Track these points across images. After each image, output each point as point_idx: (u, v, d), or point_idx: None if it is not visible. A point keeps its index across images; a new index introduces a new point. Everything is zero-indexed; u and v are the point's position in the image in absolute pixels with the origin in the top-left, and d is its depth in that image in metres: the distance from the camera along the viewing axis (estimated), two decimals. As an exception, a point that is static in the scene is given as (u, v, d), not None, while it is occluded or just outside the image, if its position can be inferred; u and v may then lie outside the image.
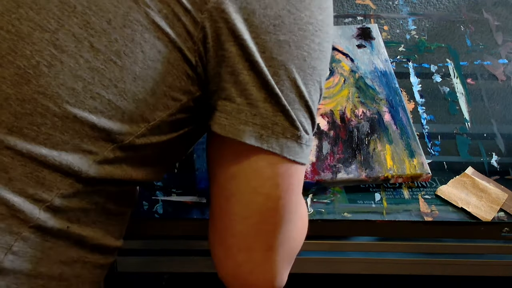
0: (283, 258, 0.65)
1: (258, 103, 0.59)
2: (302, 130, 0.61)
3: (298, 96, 0.61)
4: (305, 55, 0.60)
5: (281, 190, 0.62)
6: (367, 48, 1.06)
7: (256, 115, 0.59)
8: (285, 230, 0.64)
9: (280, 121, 0.60)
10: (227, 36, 0.58)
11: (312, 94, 0.62)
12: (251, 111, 0.59)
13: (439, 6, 1.21)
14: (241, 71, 0.59)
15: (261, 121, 0.60)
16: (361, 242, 0.90)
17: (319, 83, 0.63)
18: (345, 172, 0.87)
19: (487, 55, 1.10)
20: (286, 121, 0.60)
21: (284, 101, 0.60)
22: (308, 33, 0.60)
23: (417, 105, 1.00)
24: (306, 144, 0.62)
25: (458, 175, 0.89)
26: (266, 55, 0.59)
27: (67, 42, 0.57)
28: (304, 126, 0.62)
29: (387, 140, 0.91)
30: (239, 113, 0.60)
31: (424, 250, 0.91)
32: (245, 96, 0.59)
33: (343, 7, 1.21)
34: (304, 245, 0.89)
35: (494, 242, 0.89)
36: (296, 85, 0.60)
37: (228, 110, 0.60)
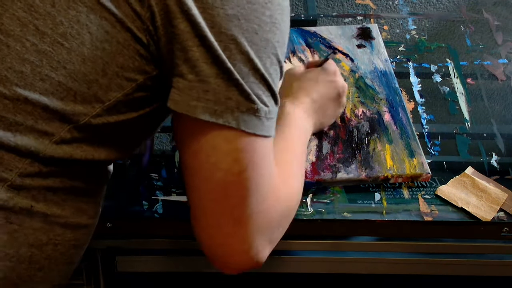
0: (256, 231, 0.64)
1: (209, 79, 0.59)
2: (259, 103, 0.61)
3: (252, 69, 0.61)
4: (256, 28, 0.60)
5: (241, 164, 0.62)
6: (367, 48, 1.06)
7: (209, 91, 0.60)
8: (253, 203, 0.64)
9: (233, 95, 0.60)
10: (175, 13, 0.58)
11: (269, 67, 0.62)
12: (203, 87, 0.60)
13: (439, 6, 1.21)
14: (191, 48, 0.59)
15: (213, 96, 0.60)
16: (361, 242, 0.90)
17: (275, 56, 0.63)
18: (345, 172, 0.87)
19: (487, 55, 1.10)
20: (240, 96, 0.60)
21: (236, 75, 0.60)
22: (258, 5, 0.60)
23: (417, 105, 1.00)
24: (266, 117, 0.62)
25: (458, 175, 0.89)
26: (215, 30, 0.59)
27: (12, 26, 0.59)
28: (261, 99, 0.62)
29: (387, 140, 0.91)
30: (191, 89, 0.60)
31: (424, 250, 0.91)
32: (196, 72, 0.59)
33: (343, 7, 1.21)
34: (304, 245, 0.90)
35: (494, 242, 0.89)
36: (249, 59, 0.60)
37: (181, 86, 0.60)
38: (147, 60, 0.61)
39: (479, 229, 0.84)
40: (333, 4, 1.22)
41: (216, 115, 0.60)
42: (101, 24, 0.59)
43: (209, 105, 0.60)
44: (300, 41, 1.07)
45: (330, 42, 1.07)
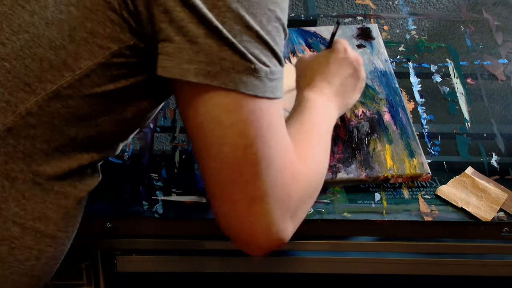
0: (274, 208, 0.61)
1: (198, 39, 0.56)
2: (257, 62, 0.57)
3: (245, 27, 0.57)
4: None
5: (248, 137, 0.58)
6: (367, 48, 1.06)
7: (199, 52, 0.56)
8: (267, 178, 0.60)
9: (227, 55, 0.56)
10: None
11: (265, 24, 0.58)
12: (193, 48, 0.56)
13: (439, 6, 1.21)
14: (174, 8, 0.56)
15: (205, 57, 0.56)
16: (361, 242, 0.90)
17: (273, 12, 0.59)
18: (345, 172, 0.87)
19: (487, 55, 1.10)
20: (235, 55, 0.56)
21: (227, 34, 0.56)
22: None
23: (417, 105, 1.00)
24: (267, 77, 0.58)
25: (458, 175, 0.89)
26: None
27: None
28: (259, 58, 0.58)
29: (387, 140, 0.91)
30: (180, 51, 0.56)
31: (424, 250, 0.91)
32: (183, 33, 0.56)
33: (343, 7, 1.21)
34: (304, 245, 0.90)
35: (494, 242, 0.89)
36: (239, 15, 0.56)
37: (169, 51, 0.57)
38: (122, 28, 0.58)
39: (479, 229, 0.84)
40: (333, 4, 1.22)
41: (210, 76, 0.56)
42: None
43: (201, 67, 0.56)
44: (300, 41, 1.07)
45: (330, 42, 1.06)
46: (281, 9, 0.60)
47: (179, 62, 0.57)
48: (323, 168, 0.71)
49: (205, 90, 0.57)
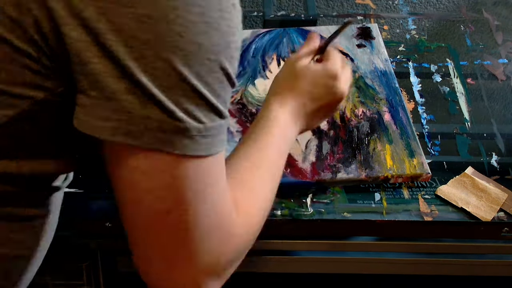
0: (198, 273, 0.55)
1: (118, 96, 0.49)
2: (189, 121, 0.50)
3: (179, 80, 0.49)
4: (179, 30, 0.48)
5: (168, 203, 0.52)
6: (367, 48, 1.06)
7: (118, 110, 0.49)
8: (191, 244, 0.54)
9: (153, 114, 0.49)
10: (63, 18, 0.48)
11: (204, 76, 0.51)
12: (111, 105, 0.49)
13: (439, 6, 1.21)
14: (90, 59, 0.48)
15: (126, 116, 0.49)
16: (361, 242, 0.90)
17: (214, 62, 0.51)
18: (345, 172, 0.87)
19: (487, 55, 1.10)
20: (162, 113, 0.49)
21: (153, 89, 0.49)
22: (180, 2, 0.48)
23: (417, 105, 1.00)
24: (201, 135, 0.52)
25: (458, 175, 0.89)
26: (123, 34, 0.48)
27: None
28: (193, 115, 0.51)
29: (387, 140, 0.91)
30: (95, 107, 0.50)
31: (424, 250, 0.91)
32: (99, 88, 0.49)
33: (343, 7, 1.21)
34: (304, 245, 0.90)
35: (494, 242, 0.89)
36: (172, 67, 0.49)
37: (85, 104, 0.50)
38: (43, 75, 0.51)
39: (479, 229, 0.84)
40: (333, 4, 1.22)
41: (131, 136, 0.50)
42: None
43: (120, 125, 0.49)
44: (300, 41, 1.07)
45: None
46: (227, 57, 0.52)
47: (93, 119, 0.50)
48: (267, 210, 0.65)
49: (126, 149, 0.51)
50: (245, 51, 1.04)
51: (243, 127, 0.92)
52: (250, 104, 0.96)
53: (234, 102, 0.96)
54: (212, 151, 0.53)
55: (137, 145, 0.50)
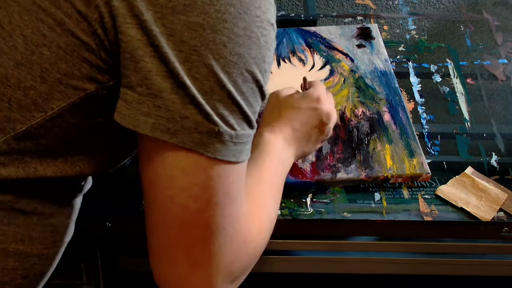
0: (217, 274, 0.58)
1: (162, 94, 0.53)
2: (222, 125, 0.54)
3: (218, 85, 0.54)
4: (224, 40, 0.53)
5: (200, 201, 0.55)
6: (367, 48, 1.06)
7: (161, 107, 0.53)
8: (215, 245, 0.57)
9: (191, 114, 0.53)
10: (124, 17, 0.52)
11: (240, 85, 0.55)
12: (154, 102, 0.53)
13: (439, 6, 1.21)
14: (142, 58, 0.52)
15: (166, 113, 0.53)
16: (361, 242, 0.90)
17: (251, 73, 0.56)
18: (345, 172, 0.87)
19: (487, 55, 1.10)
20: (199, 114, 0.53)
21: (194, 91, 0.53)
22: (228, 15, 0.53)
23: (417, 105, 1.00)
24: (232, 141, 0.55)
25: (458, 175, 0.89)
26: (174, 38, 0.52)
27: None
28: (227, 120, 0.55)
29: (386, 140, 0.91)
30: (140, 103, 0.53)
31: (424, 250, 0.91)
32: (146, 85, 0.53)
33: (343, 7, 1.21)
34: (304, 245, 0.90)
35: (494, 242, 0.89)
36: (213, 73, 0.53)
37: (129, 99, 0.54)
38: (99, 69, 0.55)
39: (479, 229, 0.84)
40: (333, 4, 1.22)
41: (169, 133, 0.53)
42: (37, 26, 0.53)
43: (160, 122, 0.53)
44: (300, 41, 1.07)
45: (330, 42, 1.07)
46: (261, 71, 0.57)
47: (136, 113, 0.54)
48: (272, 224, 0.69)
49: (163, 146, 0.54)
50: (245, 51, 1.04)
51: (243, 127, 0.92)
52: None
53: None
54: (240, 158, 0.57)
55: (173, 142, 0.53)
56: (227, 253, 0.58)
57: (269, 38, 0.57)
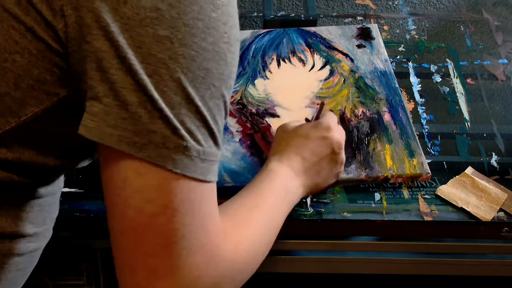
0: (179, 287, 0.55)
1: (129, 106, 0.52)
2: (190, 140, 0.53)
3: (186, 100, 0.53)
4: (193, 55, 0.53)
5: (155, 205, 0.53)
6: (367, 48, 1.06)
7: (127, 120, 0.52)
8: (175, 256, 0.54)
9: (158, 128, 0.52)
10: (90, 28, 0.51)
11: (207, 100, 0.54)
12: (121, 114, 0.52)
13: (439, 6, 1.21)
14: (109, 69, 0.52)
15: (133, 126, 0.52)
16: (361, 242, 0.90)
17: (218, 89, 0.55)
18: (345, 172, 0.87)
19: (487, 55, 1.10)
20: (167, 129, 0.52)
21: (162, 105, 0.52)
22: (197, 30, 0.53)
23: (417, 105, 1.00)
24: (199, 157, 0.54)
25: (458, 175, 0.89)
26: (142, 50, 0.52)
27: None
28: (194, 136, 0.54)
29: (386, 140, 0.91)
30: (106, 114, 0.52)
31: (424, 250, 0.91)
32: (113, 96, 0.52)
33: (343, 7, 1.21)
34: (304, 245, 0.90)
35: (494, 242, 0.89)
36: (182, 87, 0.53)
37: (95, 111, 0.53)
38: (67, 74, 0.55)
39: (479, 229, 0.84)
40: (333, 4, 1.22)
41: (135, 147, 0.52)
42: (9, 33, 0.53)
43: (127, 135, 0.52)
44: (300, 41, 1.07)
45: (330, 42, 1.07)
46: (227, 87, 0.57)
47: (103, 125, 0.52)
48: (261, 254, 0.65)
49: (126, 158, 0.53)
50: (245, 51, 1.05)
51: (243, 127, 0.92)
52: (250, 104, 0.96)
53: (234, 102, 0.96)
54: (207, 177, 0.55)
55: (140, 156, 0.52)
56: (192, 267, 0.55)
57: (235, 55, 0.57)
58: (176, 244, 0.54)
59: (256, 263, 0.64)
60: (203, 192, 0.55)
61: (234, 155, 0.88)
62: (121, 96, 0.52)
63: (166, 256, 0.54)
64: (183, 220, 0.54)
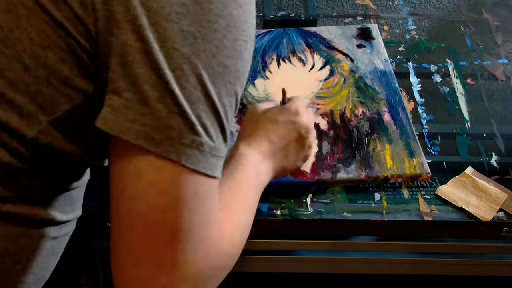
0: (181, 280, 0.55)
1: (149, 101, 0.52)
2: (204, 136, 0.54)
3: (204, 95, 0.53)
4: (214, 51, 0.53)
5: (169, 200, 0.53)
6: (367, 48, 1.06)
7: (146, 115, 0.52)
8: (180, 250, 0.55)
9: (176, 124, 0.53)
10: (118, 21, 0.52)
11: (223, 97, 0.55)
12: (141, 109, 0.52)
13: (439, 6, 1.21)
14: (132, 63, 0.52)
15: (152, 121, 0.52)
16: (361, 242, 0.90)
17: (233, 86, 0.56)
18: (345, 172, 0.87)
19: (487, 55, 1.10)
20: (184, 125, 0.53)
21: (182, 101, 0.52)
22: (219, 26, 0.54)
23: (417, 105, 1.00)
24: (211, 153, 0.55)
25: (458, 175, 0.89)
26: (167, 45, 0.52)
27: None
28: (208, 131, 0.54)
29: (386, 140, 0.91)
30: (126, 108, 0.52)
31: (424, 250, 0.91)
32: (133, 91, 0.52)
33: (343, 7, 1.21)
34: (304, 245, 0.90)
35: (494, 242, 0.89)
36: (202, 82, 0.53)
37: (115, 104, 0.53)
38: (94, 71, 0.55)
39: (479, 229, 0.84)
40: (333, 4, 1.22)
41: (154, 143, 0.52)
42: (42, 28, 0.53)
43: (146, 130, 0.52)
44: (300, 41, 1.07)
45: (330, 42, 1.07)
46: (240, 85, 0.57)
47: (121, 119, 0.53)
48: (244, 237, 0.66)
49: (142, 153, 0.53)
50: (245, 51, 1.04)
51: (243, 127, 0.92)
52: (250, 104, 0.96)
53: (234, 102, 0.96)
54: (215, 173, 0.55)
55: (157, 152, 0.52)
56: (194, 259, 0.56)
57: (251, 53, 0.58)
58: (182, 238, 0.54)
59: (242, 248, 0.65)
60: (209, 188, 0.56)
61: (234, 155, 0.88)
62: (142, 91, 0.52)
63: (172, 250, 0.54)
64: (191, 215, 0.54)
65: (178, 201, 0.54)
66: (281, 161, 0.78)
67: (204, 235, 0.56)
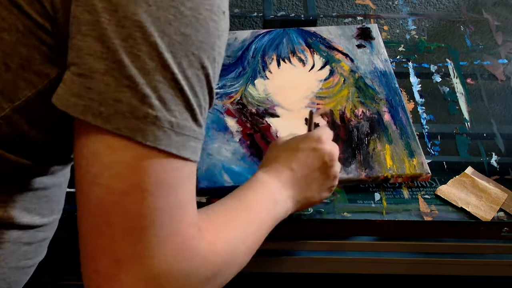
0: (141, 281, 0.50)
1: (94, 74, 0.49)
2: (162, 109, 0.50)
3: (161, 65, 0.50)
4: (170, 18, 0.50)
5: (126, 183, 0.49)
6: (367, 48, 1.06)
7: (92, 89, 0.49)
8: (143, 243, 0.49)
9: (124, 97, 0.49)
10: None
11: (185, 68, 0.51)
12: (85, 83, 0.49)
13: (439, 6, 1.21)
14: (76, 35, 0.49)
15: (98, 96, 0.49)
16: (361, 242, 0.90)
17: (197, 58, 0.52)
18: (345, 172, 0.87)
19: (487, 55, 1.10)
20: (134, 98, 0.49)
21: (133, 71, 0.49)
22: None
23: (417, 105, 1.00)
24: (173, 130, 0.50)
25: (458, 175, 0.89)
26: (118, 14, 0.49)
27: None
28: (167, 105, 0.50)
29: (386, 140, 0.91)
30: (72, 83, 0.50)
31: (424, 250, 0.91)
32: (78, 64, 0.49)
33: (343, 7, 1.21)
34: (304, 245, 0.90)
35: (494, 242, 0.89)
36: (157, 52, 0.49)
37: (65, 78, 0.50)
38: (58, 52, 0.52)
39: (479, 229, 0.84)
40: (333, 4, 1.22)
41: (101, 118, 0.49)
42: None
43: (92, 105, 0.49)
44: (300, 41, 1.07)
45: (330, 42, 1.07)
46: (209, 58, 0.53)
47: (68, 94, 0.50)
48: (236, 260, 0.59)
49: (95, 131, 0.49)
50: (245, 51, 1.05)
51: (243, 127, 0.92)
52: (250, 104, 0.96)
53: (234, 102, 0.96)
54: (183, 153, 0.51)
55: (107, 128, 0.49)
56: (160, 258, 0.50)
57: (219, 26, 0.54)
58: (145, 229, 0.49)
59: (233, 268, 0.59)
60: (179, 176, 0.51)
61: (234, 155, 0.88)
62: (86, 64, 0.49)
63: (132, 242, 0.49)
64: (155, 204, 0.50)
65: (139, 186, 0.49)
66: (303, 191, 0.74)
67: (174, 230, 0.51)
